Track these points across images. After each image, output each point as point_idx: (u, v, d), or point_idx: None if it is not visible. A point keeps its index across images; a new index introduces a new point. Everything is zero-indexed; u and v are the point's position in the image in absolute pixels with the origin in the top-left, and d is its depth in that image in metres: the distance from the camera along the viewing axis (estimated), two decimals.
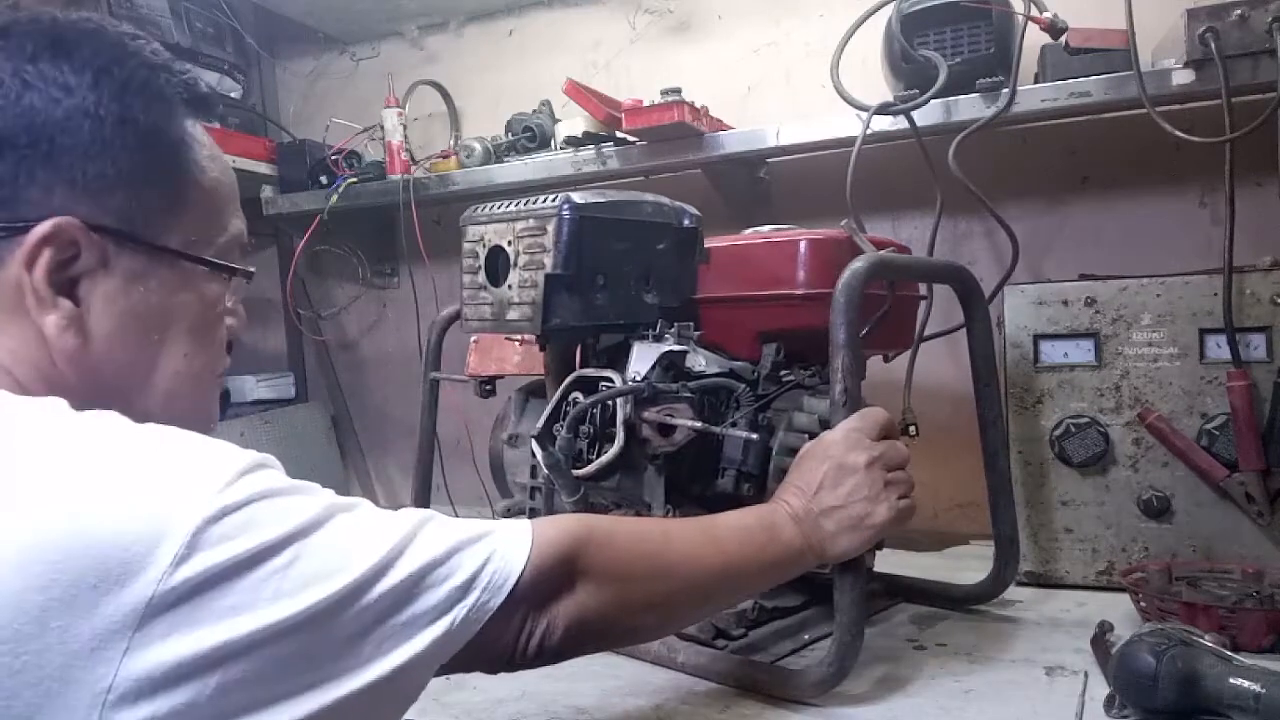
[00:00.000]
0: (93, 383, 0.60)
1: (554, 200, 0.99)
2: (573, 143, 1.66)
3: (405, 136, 1.85)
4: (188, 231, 0.64)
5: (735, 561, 0.79)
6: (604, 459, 0.99)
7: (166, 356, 0.64)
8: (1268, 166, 1.24)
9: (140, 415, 0.54)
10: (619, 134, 1.59)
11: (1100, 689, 0.88)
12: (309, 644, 0.48)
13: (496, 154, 1.77)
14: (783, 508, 0.86)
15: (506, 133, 1.77)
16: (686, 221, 1.10)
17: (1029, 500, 1.26)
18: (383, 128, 1.86)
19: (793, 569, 0.86)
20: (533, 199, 1.02)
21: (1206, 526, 1.18)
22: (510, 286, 1.02)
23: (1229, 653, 0.81)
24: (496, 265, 1.04)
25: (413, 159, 1.85)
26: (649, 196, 1.09)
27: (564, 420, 1.01)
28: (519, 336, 1.25)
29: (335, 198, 1.84)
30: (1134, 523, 1.21)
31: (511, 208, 1.03)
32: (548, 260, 0.98)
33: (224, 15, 2.04)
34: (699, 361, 1.05)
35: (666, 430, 0.99)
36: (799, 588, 1.14)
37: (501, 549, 0.60)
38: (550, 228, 0.98)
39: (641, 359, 1.02)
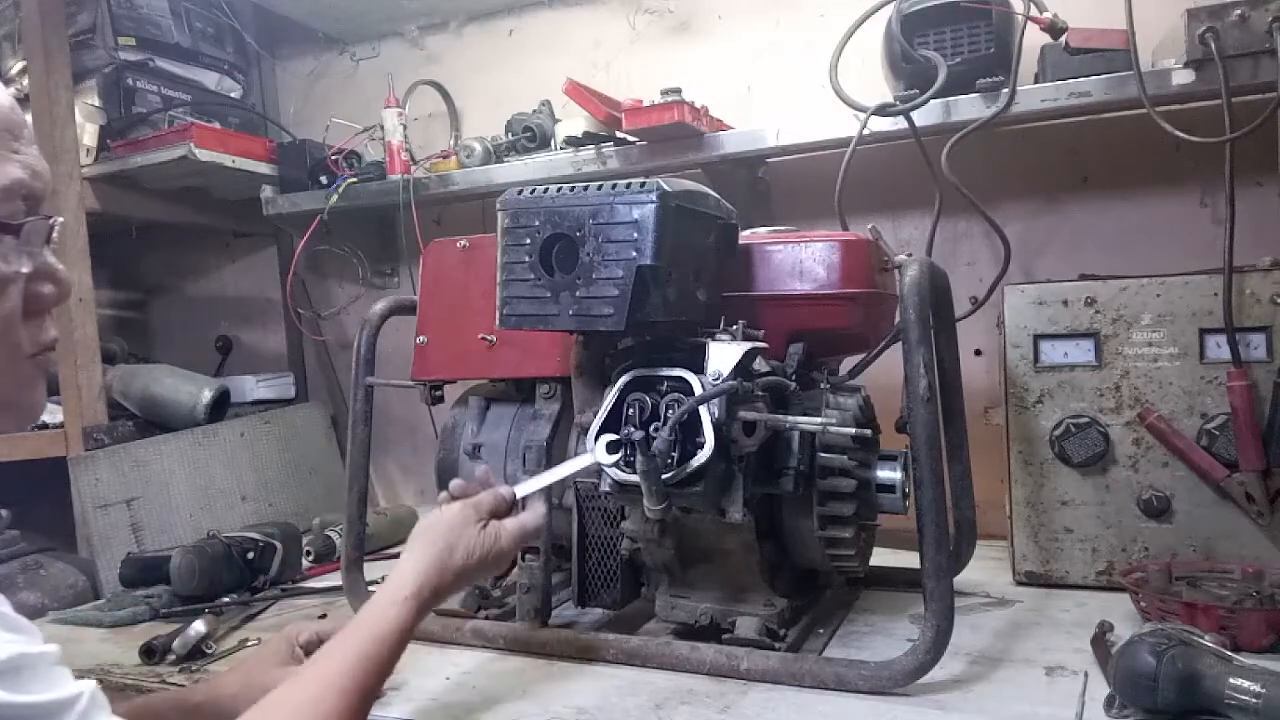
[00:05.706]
0: None
1: (643, 186, 0.93)
2: (573, 143, 1.66)
3: (405, 136, 1.85)
4: None
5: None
6: (698, 461, 0.91)
7: None
8: (1268, 166, 1.24)
9: None
10: (619, 134, 1.59)
11: (1100, 689, 0.88)
12: None
13: (496, 154, 1.77)
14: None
15: (506, 133, 1.77)
16: (732, 218, 1.07)
17: (1029, 500, 1.26)
18: (383, 128, 1.86)
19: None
20: (610, 183, 0.94)
21: (1206, 526, 1.18)
22: (580, 278, 0.94)
23: (1229, 653, 0.82)
24: (552, 255, 0.96)
25: (413, 159, 1.85)
26: (708, 189, 1.04)
27: (636, 422, 0.95)
28: (491, 335, 1.20)
29: (335, 198, 1.84)
30: (1134, 523, 1.21)
31: (583, 192, 0.95)
32: (636, 250, 0.91)
33: (224, 15, 2.04)
34: (759, 360, 1.02)
35: (749, 430, 0.95)
36: (804, 582, 1.14)
37: None
38: (639, 214, 0.92)
39: (721, 358, 0.96)
